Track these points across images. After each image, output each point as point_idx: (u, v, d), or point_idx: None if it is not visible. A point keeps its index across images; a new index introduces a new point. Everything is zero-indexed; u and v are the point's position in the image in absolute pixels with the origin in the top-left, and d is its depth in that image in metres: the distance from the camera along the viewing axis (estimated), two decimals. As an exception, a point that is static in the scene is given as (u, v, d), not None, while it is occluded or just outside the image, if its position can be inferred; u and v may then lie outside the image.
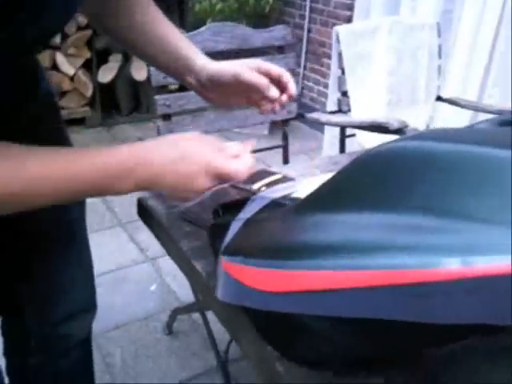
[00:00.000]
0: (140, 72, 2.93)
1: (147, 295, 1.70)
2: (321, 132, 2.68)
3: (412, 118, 1.79)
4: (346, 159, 0.97)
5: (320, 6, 3.03)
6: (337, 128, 1.70)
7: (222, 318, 0.64)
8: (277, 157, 1.58)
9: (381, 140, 0.50)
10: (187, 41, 0.75)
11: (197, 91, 0.75)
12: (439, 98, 1.86)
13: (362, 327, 0.45)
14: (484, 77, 2.14)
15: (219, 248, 0.60)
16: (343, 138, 1.65)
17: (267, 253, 0.50)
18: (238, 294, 0.53)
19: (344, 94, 1.63)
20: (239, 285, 0.52)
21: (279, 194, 0.71)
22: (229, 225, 0.65)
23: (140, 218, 0.89)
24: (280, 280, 0.47)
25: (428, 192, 0.43)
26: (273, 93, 0.68)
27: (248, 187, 0.89)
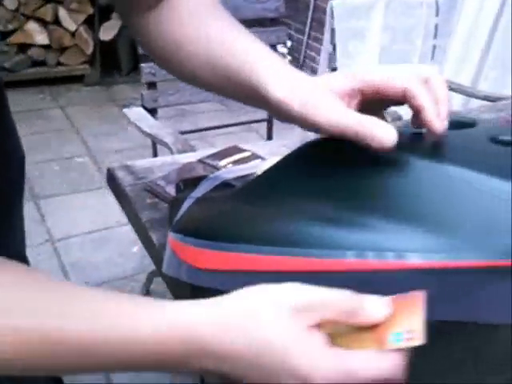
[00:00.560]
0: (140, 32, 2.91)
1: (129, 256, 1.76)
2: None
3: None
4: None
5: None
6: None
7: (169, 288, 0.69)
8: (261, 131, 1.61)
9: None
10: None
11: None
12: (431, 80, 1.85)
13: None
14: (482, 58, 2.12)
15: (173, 223, 0.63)
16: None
17: (202, 233, 0.54)
18: (176, 268, 0.57)
19: (334, 71, 1.64)
20: (178, 260, 0.56)
21: (236, 175, 0.74)
22: (184, 201, 0.69)
23: (109, 187, 0.92)
24: (209, 259, 0.51)
25: (345, 188, 0.46)
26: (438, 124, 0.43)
27: (215, 163, 0.92)
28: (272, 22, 1.58)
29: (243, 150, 1.00)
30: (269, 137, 1.55)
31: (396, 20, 1.74)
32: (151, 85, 1.34)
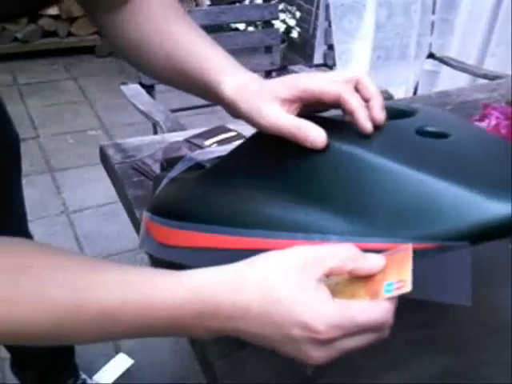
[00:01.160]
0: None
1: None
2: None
3: (401, 75, 1.81)
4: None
5: None
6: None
7: (150, 261, 0.76)
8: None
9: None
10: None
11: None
12: (431, 56, 1.86)
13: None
14: (487, 34, 2.11)
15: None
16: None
17: (169, 213, 0.61)
18: (149, 244, 0.64)
19: (330, 48, 1.66)
20: (149, 236, 0.63)
21: (209, 156, 0.79)
22: (163, 180, 0.76)
23: (102, 164, 0.99)
24: (175, 237, 0.58)
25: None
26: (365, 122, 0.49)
27: (200, 143, 0.98)
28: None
29: (229, 130, 1.05)
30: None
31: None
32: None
